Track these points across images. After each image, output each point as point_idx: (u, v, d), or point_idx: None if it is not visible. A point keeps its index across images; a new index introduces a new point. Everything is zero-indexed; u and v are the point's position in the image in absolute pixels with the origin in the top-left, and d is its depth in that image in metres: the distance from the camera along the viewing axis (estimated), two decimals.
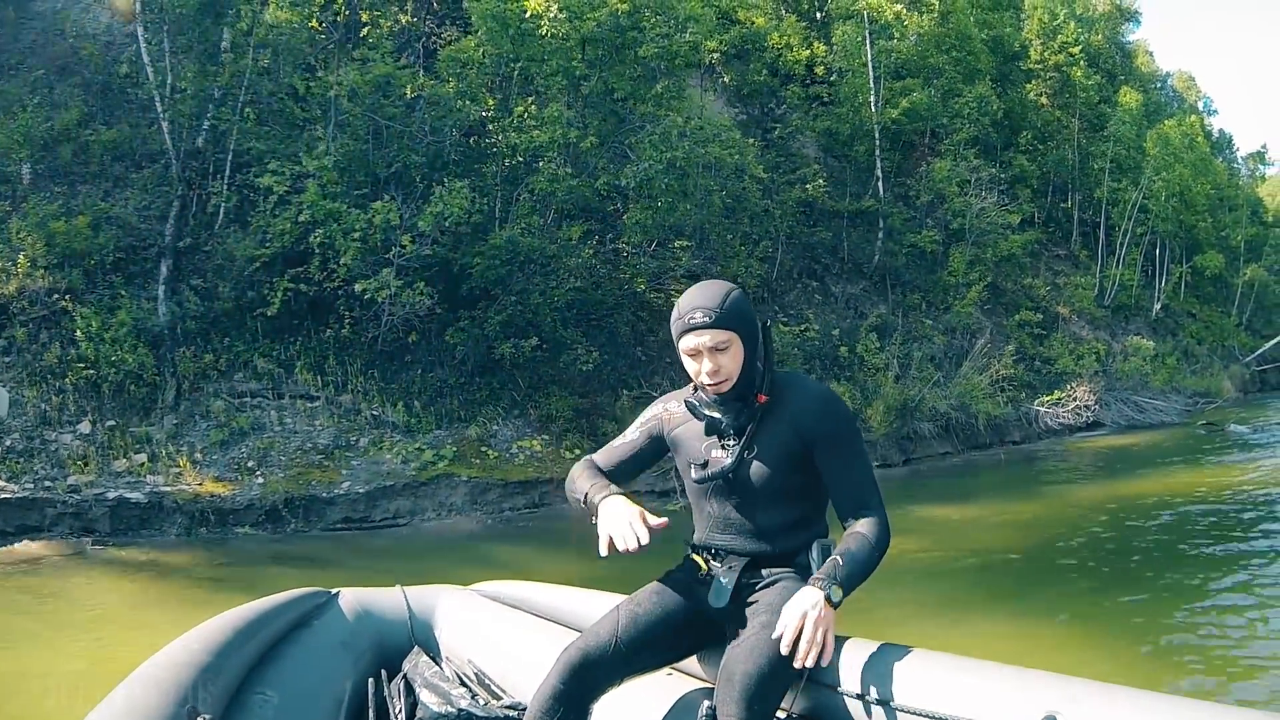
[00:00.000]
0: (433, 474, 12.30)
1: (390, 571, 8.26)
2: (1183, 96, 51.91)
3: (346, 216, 12.67)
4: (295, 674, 2.59)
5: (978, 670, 1.94)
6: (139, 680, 2.01)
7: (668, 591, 2.37)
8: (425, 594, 3.39)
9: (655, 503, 7.76)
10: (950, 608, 7.51)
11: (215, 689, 2.09)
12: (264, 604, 2.84)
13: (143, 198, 13.74)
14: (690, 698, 2.34)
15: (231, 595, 8.21)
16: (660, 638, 2.30)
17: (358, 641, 3.04)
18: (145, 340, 12.41)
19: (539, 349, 13.75)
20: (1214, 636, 6.61)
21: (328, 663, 2.81)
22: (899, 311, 21.34)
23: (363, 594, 3.32)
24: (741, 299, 2.30)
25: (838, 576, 2.09)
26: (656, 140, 14.02)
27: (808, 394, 2.33)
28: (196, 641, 2.30)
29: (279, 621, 2.80)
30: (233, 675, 2.27)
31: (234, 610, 2.68)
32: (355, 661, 2.94)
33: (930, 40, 23.70)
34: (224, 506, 11.40)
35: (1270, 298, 41.86)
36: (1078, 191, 31.22)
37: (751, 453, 2.29)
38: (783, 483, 2.28)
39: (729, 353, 2.25)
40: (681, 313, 2.28)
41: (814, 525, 2.35)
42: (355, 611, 3.18)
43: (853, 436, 2.32)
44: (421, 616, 3.28)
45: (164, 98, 13.57)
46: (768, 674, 2.02)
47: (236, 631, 2.47)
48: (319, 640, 2.89)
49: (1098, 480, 15.08)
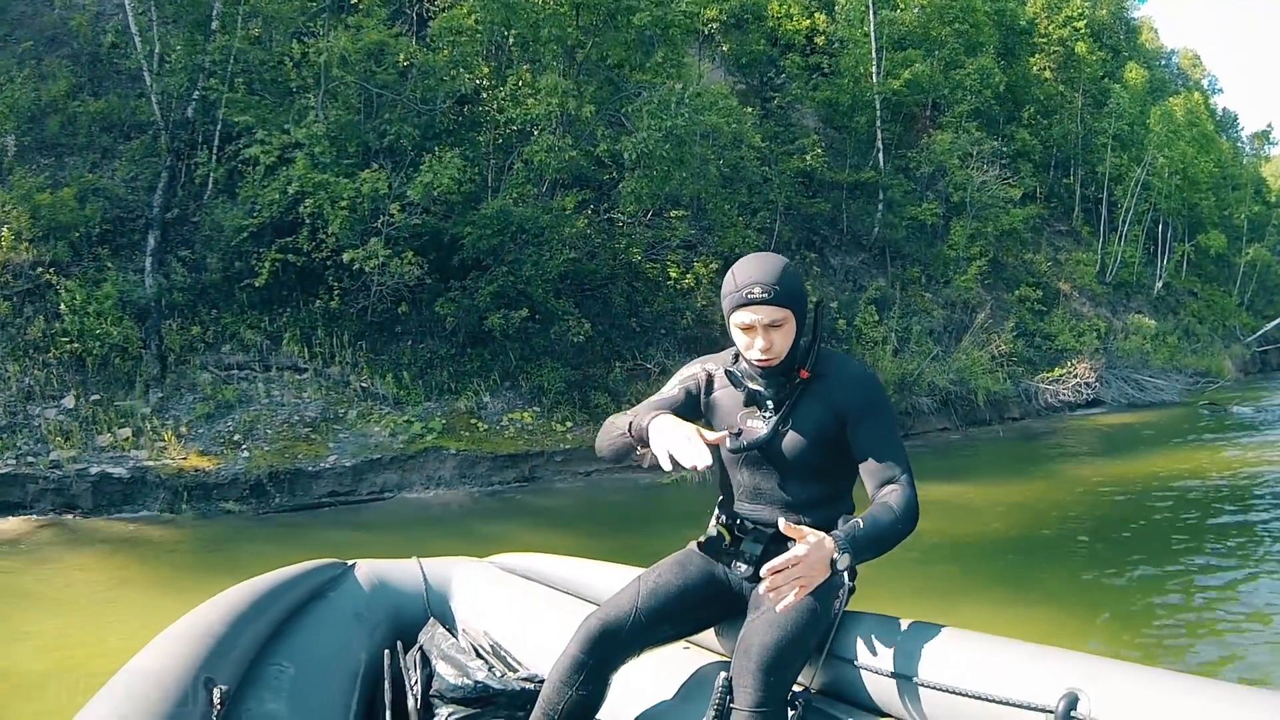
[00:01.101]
0: (421, 447, 12.08)
1: (375, 546, 8.17)
2: (1187, 75, 51.65)
3: (335, 185, 12.40)
4: (311, 645, 2.57)
5: (997, 647, 1.94)
6: (155, 651, 2.00)
7: (690, 564, 2.39)
8: (441, 566, 3.38)
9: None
10: (947, 589, 7.26)
11: (231, 660, 2.09)
12: (280, 575, 2.83)
13: (131, 169, 13.54)
14: (707, 670, 2.35)
15: (211, 573, 8.08)
16: (680, 610, 2.31)
17: (374, 613, 3.04)
18: (131, 313, 12.22)
19: (530, 320, 13.52)
20: (1223, 618, 6.43)
21: (344, 634, 2.80)
22: (898, 285, 21.07)
23: (379, 565, 3.31)
24: (797, 275, 2.28)
25: (854, 540, 2.05)
26: (655, 109, 13.70)
27: (847, 372, 2.32)
28: (213, 612, 2.29)
29: (295, 593, 2.80)
30: (249, 646, 2.27)
31: (250, 581, 2.66)
32: (371, 633, 2.93)
33: (933, 11, 23.38)
34: (208, 481, 11.20)
35: (1272, 278, 41.76)
36: (1080, 167, 31.00)
37: (787, 426, 2.29)
38: (815, 458, 2.28)
39: (782, 330, 2.24)
40: (739, 284, 2.23)
41: (842, 502, 2.36)
42: (371, 583, 3.17)
43: (885, 412, 2.31)
44: (438, 588, 3.27)
45: (152, 68, 13.37)
46: (785, 648, 2.03)
47: (252, 603, 2.47)
48: (335, 612, 2.89)
49: (1100, 459, 14.85)
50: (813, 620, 2.10)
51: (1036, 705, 1.73)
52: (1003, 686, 1.80)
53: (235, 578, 2.66)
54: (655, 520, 10.15)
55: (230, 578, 2.72)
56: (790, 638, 2.04)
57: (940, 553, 8.21)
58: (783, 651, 2.02)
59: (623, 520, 10.72)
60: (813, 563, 1.97)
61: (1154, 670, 1.73)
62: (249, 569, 2.88)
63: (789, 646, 2.03)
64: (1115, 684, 1.68)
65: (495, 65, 15.31)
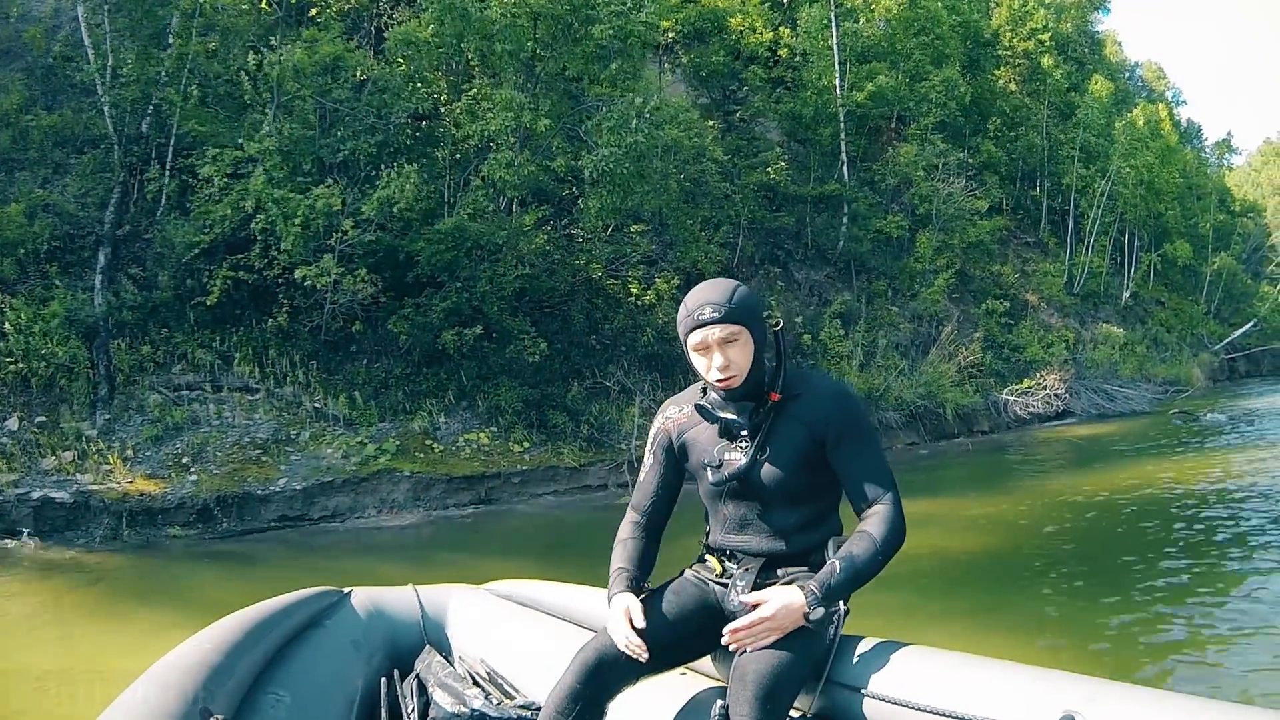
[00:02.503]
0: (374, 469, 11.79)
1: (323, 573, 7.87)
2: (1151, 87, 52.19)
3: (288, 201, 12.14)
4: (308, 673, 2.58)
5: (994, 669, 1.94)
6: (151, 680, 2.00)
7: (684, 592, 2.39)
8: (437, 593, 3.40)
9: None
10: (921, 613, 7.00)
11: (227, 689, 2.10)
12: (276, 603, 2.82)
13: (83, 184, 13.30)
14: (703, 697, 2.35)
15: (146, 605, 7.81)
16: (676, 638, 2.30)
17: (370, 641, 3.04)
18: (78, 332, 11.94)
19: (486, 338, 13.26)
20: (1210, 639, 6.21)
21: (340, 662, 2.81)
22: (864, 298, 20.91)
23: (375, 593, 3.32)
24: (749, 294, 2.30)
25: (829, 590, 2.10)
26: (614, 125, 13.49)
27: (821, 391, 2.32)
28: (208, 641, 2.30)
29: (291, 621, 2.79)
30: (245, 675, 2.27)
31: (245, 610, 2.66)
32: (368, 661, 2.94)
33: (899, 24, 23.36)
34: (153, 506, 10.89)
35: (1238, 286, 42.01)
36: (1046, 179, 31.09)
37: (765, 453, 2.29)
38: (797, 482, 2.28)
39: (738, 346, 2.24)
40: (690, 309, 2.27)
41: (829, 523, 2.36)
42: (367, 610, 3.18)
43: (864, 429, 2.32)
44: (434, 615, 3.28)
45: (104, 81, 13.12)
46: (781, 675, 2.02)
47: (248, 631, 2.47)
48: (331, 640, 2.88)
49: (1074, 471, 14.58)
50: (808, 647, 2.09)
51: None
52: (1000, 709, 1.79)
53: (169, 606, 2.56)
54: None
55: (164, 606, 2.64)
56: (786, 665, 2.03)
57: (908, 574, 7.93)
58: (779, 679, 2.01)
59: (585, 545, 10.31)
60: (780, 620, 2.06)
61: (1153, 691, 1.71)
62: (186, 600, 2.75)
63: (785, 674, 2.02)
64: (1114, 705, 1.67)
65: (453, 80, 15.08)
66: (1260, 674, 5.41)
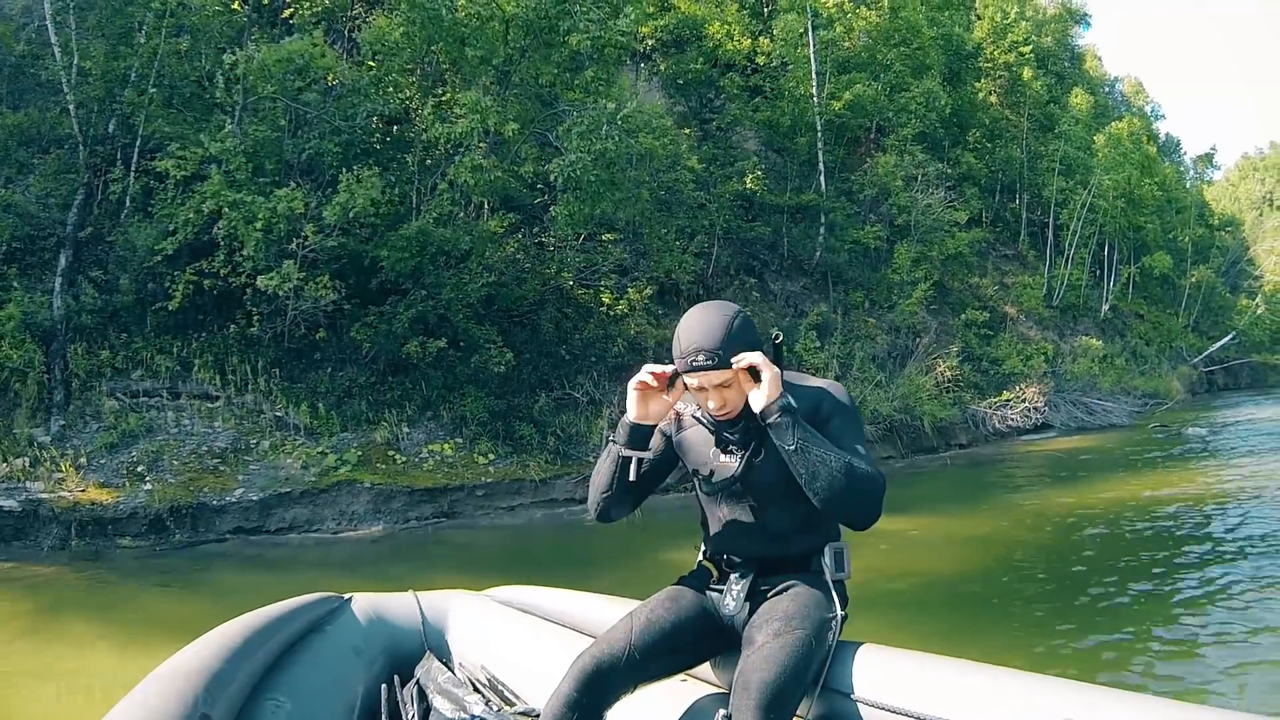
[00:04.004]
0: (334, 480, 11.48)
1: (269, 588, 7.61)
2: (1130, 101, 52.51)
3: (247, 204, 11.85)
4: (308, 679, 2.56)
5: (994, 677, 1.94)
6: (150, 687, 2.00)
7: (682, 598, 2.37)
8: (438, 599, 3.36)
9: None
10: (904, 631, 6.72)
11: (227, 695, 2.10)
12: (276, 609, 2.80)
13: (46, 185, 13.07)
14: (704, 704, 2.33)
15: (81, 617, 7.52)
16: (675, 645, 2.28)
17: (370, 647, 3.01)
18: (35, 336, 11.67)
19: (451, 347, 12.97)
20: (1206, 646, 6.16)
21: (340, 668, 2.79)
22: (840, 310, 20.66)
23: (375, 599, 3.30)
24: (745, 329, 2.23)
25: (796, 410, 2.17)
26: (584, 130, 13.24)
27: (810, 393, 2.30)
28: (207, 647, 2.28)
29: (291, 627, 2.77)
30: (245, 681, 2.27)
31: (245, 616, 2.63)
32: (368, 667, 2.92)
33: (879, 35, 23.23)
34: (104, 516, 10.60)
35: (1217, 299, 42.21)
36: (1026, 191, 31.06)
37: (759, 458, 2.28)
38: (791, 485, 2.22)
39: (734, 388, 2.22)
40: (684, 351, 2.21)
41: (825, 528, 2.36)
42: (368, 616, 3.15)
43: (853, 416, 2.30)
44: (434, 622, 3.25)
45: (70, 79, 12.89)
46: (784, 682, 2.01)
47: (248, 637, 2.45)
48: (331, 645, 2.86)
49: (1055, 485, 14.28)
50: (809, 654, 2.07)
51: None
52: (999, 717, 1.79)
53: (101, 620, 2.35)
54: (584, 560, 9.58)
55: (96, 619, 2.41)
56: (789, 673, 2.02)
57: (875, 603, 7.65)
58: (782, 687, 2.00)
59: (549, 560, 10.07)
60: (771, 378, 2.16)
61: (1151, 698, 1.71)
62: (127, 616, 2.52)
63: (788, 682, 2.01)
64: (1114, 713, 1.67)
65: (425, 85, 14.83)
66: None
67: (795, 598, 2.22)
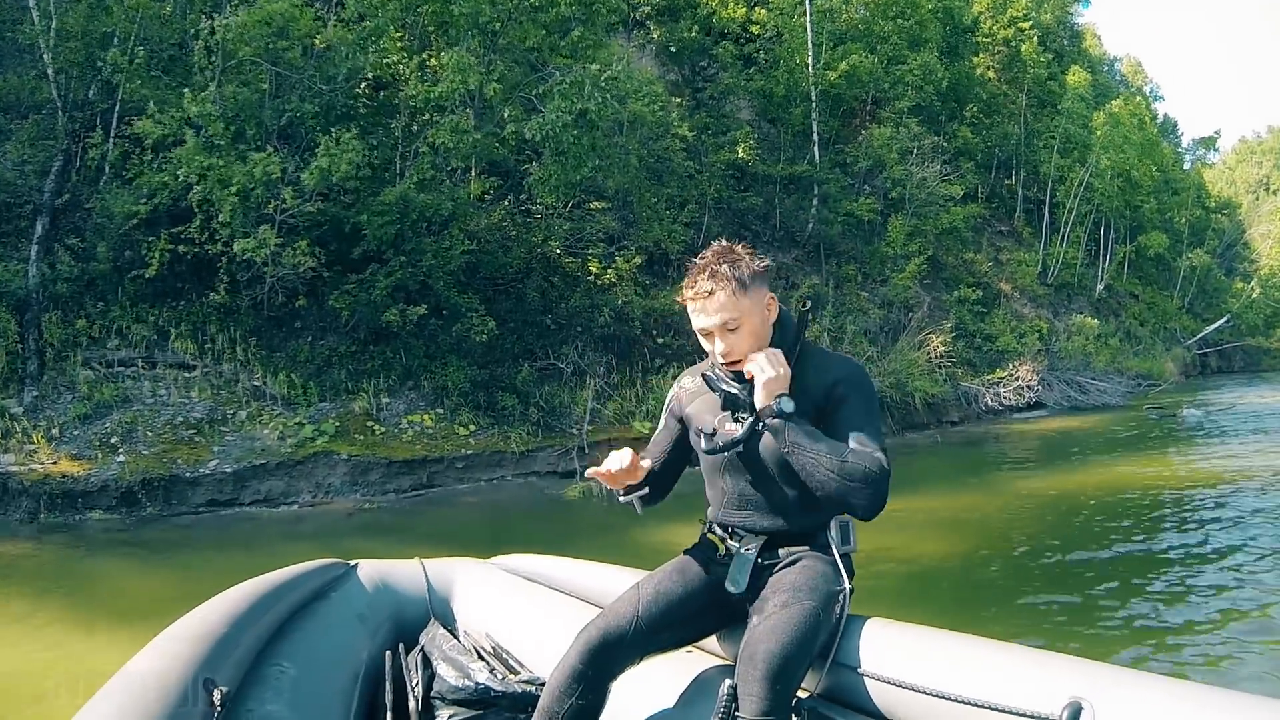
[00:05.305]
0: (310, 451, 11.19)
1: (238, 566, 7.46)
2: (1129, 81, 52.31)
3: (224, 169, 11.53)
4: (312, 646, 2.55)
5: (1001, 653, 1.93)
6: (154, 652, 2.00)
7: (689, 569, 2.35)
8: (444, 567, 3.36)
9: None
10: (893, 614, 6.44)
11: (232, 660, 2.09)
12: (281, 575, 2.81)
13: (23, 151, 12.83)
14: (710, 676, 2.32)
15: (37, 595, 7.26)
16: (681, 617, 2.27)
17: (375, 614, 3.02)
18: (9, 305, 11.49)
19: (433, 316, 12.66)
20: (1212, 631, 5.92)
21: (345, 635, 2.79)
22: (833, 283, 20.38)
23: (381, 566, 3.31)
24: (753, 273, 2.22)
25: (789, 414, 2.12)
26: (567, 89, 12.88)
27: (829, 368, 2.26)
28: (213, 613, 2.29)
29: (296, 593, 2.78)
30: (249, 647, 2.27)
31: (251, 581, 2.64)
32: (373, 634, 2.92)
33: (876, 7, 22.88)
34: (75, 488, 10.34)
35: (1212, 282, 42.17)
36: (1022, 168, 30.75)
37: (762, 427, 2.22)
38: None
39: (740, 333, 2.20)
40: (689, 290, 2.22)
41: (830, 504, 2.27)
42: (373, 583, 3.16)
43: (870, 400, 2.24)
44: (440, 589, 3.26)
45: (49, 43, 12.59)
46: (791, 654, 1.99)
47: (253, 603, 2.45)
48: (337, 612, 2.87)
49: (1050, 466, 13.95)
50: (816, 626, 2.05)
51: (1040, 715, 1.70)
52: (1006, 694, 1.77)
53: (60, 592, 2.13)
54: (564, 534, 9.31)
55: (55, 592, 2.16)
56: (795, 645, 1.99)
57: (881, 571, 7.40)
58: (788, 659, 1.97)
59: (530, 533, 9.76)
60: (774, 363, 2.15)
61: (1162, 678, 1.69)
62: (89, 592, 2.57)
63: (794, 654, 1.99)
64: (1121, 692, 1.65)
65: (411, 46, 14.47)
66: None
67: (803, 570, 2.18)
